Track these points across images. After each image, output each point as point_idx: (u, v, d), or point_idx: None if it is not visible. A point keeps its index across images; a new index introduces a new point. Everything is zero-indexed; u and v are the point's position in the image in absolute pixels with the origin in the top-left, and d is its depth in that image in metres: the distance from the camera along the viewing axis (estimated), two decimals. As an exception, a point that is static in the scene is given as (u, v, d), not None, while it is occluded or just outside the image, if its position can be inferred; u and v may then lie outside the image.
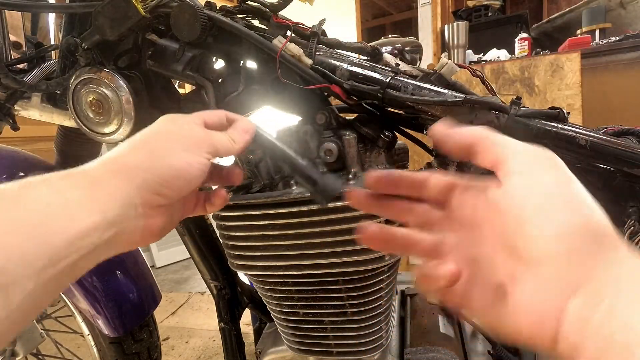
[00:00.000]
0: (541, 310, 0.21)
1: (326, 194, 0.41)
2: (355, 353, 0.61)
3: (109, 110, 0.61)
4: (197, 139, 0.34)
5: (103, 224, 0.27)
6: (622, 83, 2.26)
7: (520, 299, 0.22)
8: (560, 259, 0.21)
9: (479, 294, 0.24)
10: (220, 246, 0.77)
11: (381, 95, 0.53)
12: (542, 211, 0.22)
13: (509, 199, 0.23)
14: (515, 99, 0.50)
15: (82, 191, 0.27)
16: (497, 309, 0.23)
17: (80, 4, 0.57)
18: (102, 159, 0.31)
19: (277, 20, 0.58)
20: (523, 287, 0.22)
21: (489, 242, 0.25)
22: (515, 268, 0.22)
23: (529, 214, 0.22)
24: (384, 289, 0.58)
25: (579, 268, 0.20)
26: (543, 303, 0.21)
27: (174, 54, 0.57)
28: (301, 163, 0.41)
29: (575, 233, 0.21)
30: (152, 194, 0.30)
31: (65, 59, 0.63)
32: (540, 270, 0.21)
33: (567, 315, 0.20)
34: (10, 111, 0.73)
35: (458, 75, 0.63)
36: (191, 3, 0.53)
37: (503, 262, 0.23)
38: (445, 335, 0.69)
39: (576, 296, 0.20)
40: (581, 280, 0.20)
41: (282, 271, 0.56)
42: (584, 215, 0.22)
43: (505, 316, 0.22)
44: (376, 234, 0.30)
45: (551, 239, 0.21)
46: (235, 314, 0.78)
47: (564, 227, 0.21)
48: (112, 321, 0.83)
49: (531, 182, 0.23)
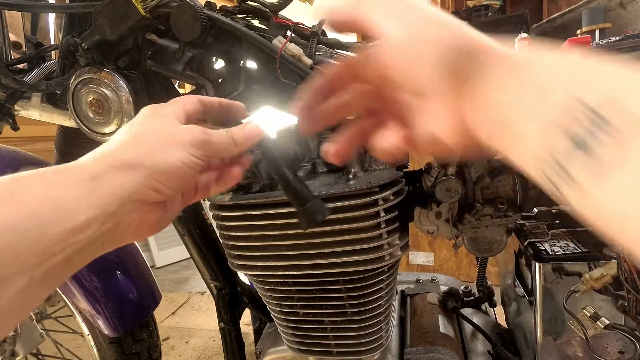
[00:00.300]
0: (448, 122, 0.26)
1: (312, 218, 0.40)
2: (355, 353, 0.61)
3: (109, 110, 0.61)
4: (192, 137, 0.33)
5: (100, 218, 0.27)
6: (622, 83, 2.26)
7: (429, 122, 0.27)
8: (445, 88, 0.25)
9: (416, 137, 0.28)
10: (220, 246, 0.77)
11: (381, 95, 0.53)
12: (419, 53, 0.25)
13: (390, 54, 0.27)
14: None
15: (79, 186, 0.27)
16: (432, 140, 0.27)
17: (80, 4, 0.57)
18: (99, 154, 0.30)
19: (277, 20, 0.58)
20: (429, 115, 0.27)
21: (400, 95, 0.29)
22: (422, 103, 0.27)
23: (410, 59, 0.26)
24: (384, 289, 0.58)
25: (463, 85, 0.24)
26: (447, 117, 0.26)
27: (174, 54, 0.57)
28: (294, 182, 0.40)
29: (452, 61, 0.25)
30: (151, 190, 0.30)
31: (65, 59, 0.63)
32: (435, 99, 0.26)
33: (466, 117, 0.25)
34: (10, 111, 0.73)
35: (458, 75, 0.63)
36: (191, 3, 0.53)
37: (414, 102, 0.27)
38: (445, 335, 0.69)
39: (465, 102, 0.24)
40: (466, 92, 0.24)
41: (282, 271, 0.56)
42: (454, 40, 0.26)
43: (437, 139, 0.27)
44: (338, 150, 0.34)
45: (434, 75, 0.25)
46: (235, 314, 0.78)
47: (441, 60, 0.25)
48: (112, 321, 0.83)
49: (403, 32, 0.26)
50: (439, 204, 0.57)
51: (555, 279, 0.54)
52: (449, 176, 0.53)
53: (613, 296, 0.49)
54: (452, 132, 0.26)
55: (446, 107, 0.25)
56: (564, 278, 0.53)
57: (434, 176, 0.54)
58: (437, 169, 0.54)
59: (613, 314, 0.51)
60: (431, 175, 0.54)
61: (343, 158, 0.35)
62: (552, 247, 0.55)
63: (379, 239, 0.52)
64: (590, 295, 0.51)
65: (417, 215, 0.58)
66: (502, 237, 0.56)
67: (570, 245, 0.55)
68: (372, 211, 0.51)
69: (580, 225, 0.58)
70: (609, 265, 0.48)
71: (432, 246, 2.18)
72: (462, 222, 0.56)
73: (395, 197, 0.53)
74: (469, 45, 0.25)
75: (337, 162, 0.35)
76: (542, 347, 0.56)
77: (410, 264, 2.23)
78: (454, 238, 0.59)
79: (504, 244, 0.56)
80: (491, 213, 0.55)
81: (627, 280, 0.44)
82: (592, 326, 0.48)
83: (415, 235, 2.16)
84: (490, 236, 0.56)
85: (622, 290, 0.46)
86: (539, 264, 0.54)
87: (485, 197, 0.56)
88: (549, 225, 0.60)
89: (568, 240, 0.57)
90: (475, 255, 0.59)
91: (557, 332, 0.56)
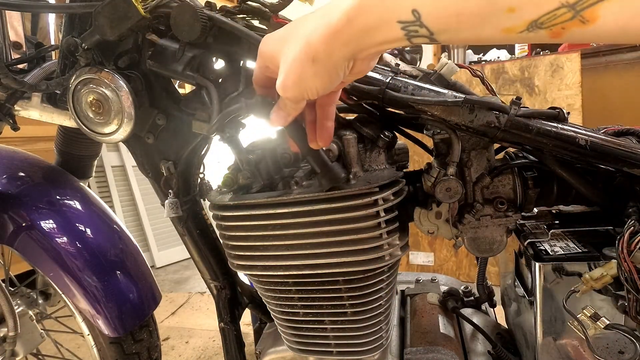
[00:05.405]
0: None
1: (334, 176, 0.48)
2: (355, 353, 0.61)
3: (109, 111, 0.61)
4: None
5: None
6: (622, 83, 2.26)
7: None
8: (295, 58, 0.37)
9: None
10: (220, 246, 0.77)
11: (381, 95, 0.53)
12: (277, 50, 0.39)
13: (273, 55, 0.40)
14: (515, 99, 0.50)
15: None
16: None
17: (80, 4, 0.57)
18: None
19: (277, 20, 0.58)
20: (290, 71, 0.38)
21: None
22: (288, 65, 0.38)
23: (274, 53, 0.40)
24: (384, 289, 0.58)
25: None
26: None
27: (174, 54, 0.57)
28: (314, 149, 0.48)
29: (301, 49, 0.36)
30: None
31: (65, 59, 0.63)
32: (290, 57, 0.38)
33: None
34: (10, 111, 0.73)
35: (458, 75, 0.63)
36: (191, 3, 0.53)
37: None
38: (445, 335, 0.69)
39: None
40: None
41: (282, 271, 0.56)
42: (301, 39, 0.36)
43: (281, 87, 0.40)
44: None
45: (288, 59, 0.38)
46: (235, 314, 0.78)
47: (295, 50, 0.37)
48: (112, 321, 0.83)
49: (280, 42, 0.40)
50: (439, 204, 0.57)
51: (555, 279, 0.54)
52: (449, 176, 0.53)
53: (613, 296, 0.49)
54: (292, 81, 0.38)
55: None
56: (564, 278, 0.53)
57: (434, 176, 0.54)
58: (437, 169, 0.54)
59: (613, 314, 0.51)
60: (431, 175, 0.54)
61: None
62: (552, 247, 0.55)
63: (379, 239, 0.52)
64: (590, 295, 0.51)
65: (417, 215, 0.58)
66: (502, 237, 0.56)
67: (570, 245, 0.55)
68: (372, 211, 0.51)
69: (580, 225, 0.58)
70: (609, 265, 0.48)
71: (432, 246, 2.18)
72: (462, 222, 0.56)
73: (395, 197, 0.53)
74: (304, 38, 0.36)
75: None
76: (542, 347, 0.56)
77: (410, 264, 2.23)
78: (454, 238, 0.59)
79: (504, 244, 0.56)
80: (491, 213, 0.55)
81: (627, 280, 0.44)
82: (592, 326, 0.48)
83: (415, 235, 2.16)
84: (490, 236, 0.56)
85: (622, 290, 0.46)
86: (539, 264, 0.54)
87: (485, 197, 0.56)
88: (549, 225, 0.60)
89: (568, 240, 0.57)
90: (475, 255, 0.59)
91: (557, 332, 0.56)
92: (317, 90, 0.38)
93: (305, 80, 0.37)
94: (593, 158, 0.49)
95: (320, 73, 0.37)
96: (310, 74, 0.37)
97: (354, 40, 0.34)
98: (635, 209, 0.48)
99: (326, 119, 0.46)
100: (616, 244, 0.45)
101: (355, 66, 0.38)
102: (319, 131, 0.46)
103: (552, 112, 0.50)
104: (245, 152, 0.57)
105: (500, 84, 2.00)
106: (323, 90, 0.39)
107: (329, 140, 0.47)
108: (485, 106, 0.50)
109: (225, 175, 0.58)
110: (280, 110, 0.43)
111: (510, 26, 0.27)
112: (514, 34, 0.27)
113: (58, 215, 0.83)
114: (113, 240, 0.89)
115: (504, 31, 0.27)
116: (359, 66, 0.38)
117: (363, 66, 0.39)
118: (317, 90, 0.38)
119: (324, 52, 0.35)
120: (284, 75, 0.38)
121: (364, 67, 0.39)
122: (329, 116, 0.46)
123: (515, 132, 0.50)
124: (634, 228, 0.45)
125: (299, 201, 0.53)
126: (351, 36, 0.33)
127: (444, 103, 0.50)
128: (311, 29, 0.35)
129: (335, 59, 0.36)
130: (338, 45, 0.34)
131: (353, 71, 0.39)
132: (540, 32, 0.26)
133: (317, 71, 0.36)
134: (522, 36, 0.27)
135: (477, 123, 0.50)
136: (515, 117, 0.49)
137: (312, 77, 0.37)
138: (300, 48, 0.36)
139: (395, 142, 0.59)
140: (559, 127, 0.49)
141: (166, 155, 0.67)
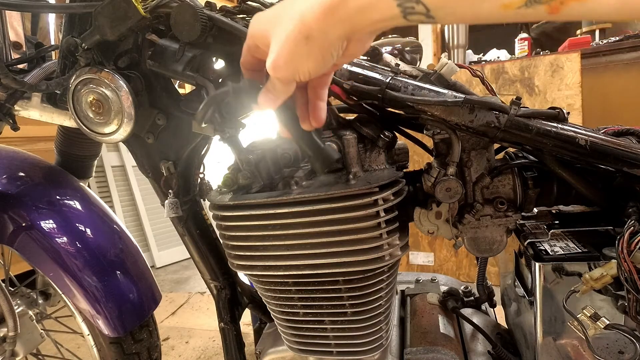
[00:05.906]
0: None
1: (327, 158, 0.47)
2: (355, 353, 0.61)
3: (109, 110, 0.61)
4: None
5: None
6: (622, 83, 2.26)
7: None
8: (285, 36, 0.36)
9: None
10: (220, 246, 0.77)
11: (381, 95, 0.53)
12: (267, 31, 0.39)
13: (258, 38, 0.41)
14: (515, 99, 0.50)
15: None
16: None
17: (80, 4, 0.57)
18: None
19: (277, 20, 0.57)
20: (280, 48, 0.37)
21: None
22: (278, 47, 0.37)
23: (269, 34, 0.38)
24: (384, 289, 0.58)
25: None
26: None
27: (174, 54, 0.57)
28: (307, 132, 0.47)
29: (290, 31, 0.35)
30: None
31: (65, 59, 0.63)
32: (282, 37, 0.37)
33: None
34: (10, 111, 0.73)
35: (458, 75, 0.63)
36: (191, 3, 0.53)
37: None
38: (445, 335, 0.69)
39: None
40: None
41: (282, 271, 0.56)
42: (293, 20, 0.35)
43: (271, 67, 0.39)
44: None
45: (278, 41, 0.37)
46: (235, 314, 0.78)
47: (285, 33, 0.36)
48: (112, 321, 0.83)
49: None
50: (439, 204, 0.57)
51: (555, 279, 0.54)
52: (449, 176, 0.53)
53: (613, 296, 0.49)
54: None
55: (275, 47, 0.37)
56: (564, 278, 0.53)
57: (434, 176, 0.54)
58: (437, 169, 0.54)
59: (613, 314, 0.51)
60: (431, 175, 0.54)
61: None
62: (552, 247, 0.55)
63: (378, 239, 0.52)
64: (590, 295, 0.51)
65: (417, 215, 0.58)
66: (502, 237, 0.56)
67: (570, 245, 0.55)
68: (372, 211, 0.51)
69: (580, 225, 0.58)
70: (609, 265, 0.48)
71: (432, 246, 2.18)
72: (462, 222, 0.56)
73: (395, 197, 0.53)
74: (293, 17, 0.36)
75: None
76: (542, 347, 0.56)
77: (410, 264, 2.23)
78: (454, 238, 0.59)
79: (504, 244, 0.56)
80: (491, 213, 0.55)
81: (627, 280, 0.44)
82: (592, 326, 0.48)
83: (415, 235, 2.16)
84: (490, 236, 0.56)
85: (622, 290, 0.46)
86: (539, 264, 0.53)
87: (485, 197, 0.56)
88: (549, 225, 0.60)
89: (568, 240, 0.57)
90: (475, 255, 0.59)
91: (557, 332, 0.56)
92: (309, 71, 0.37)
93: (298, 60, 0.36)
94: (593, 158, 0.49)
95: (313, 52, 0.35)
96: (303, 53, 0.35)
97: (349, 18, 0.33)
98: (635, 209, 0.48)
99: (319, 99, 0.45)
100: (616, 244, 0.45)
101: (349, 47, 0.37)
102: (312, 111, 0.45)
103: (552, 112, 0.50)
104: (245, 152, 0.57)
105: (500, 84, 2.00)
106: (315, 71, 0.37)
107: (322, 120, 0.46)
108: (485, 106, 0.50)
109: (225, 175, 0.58)
110: (269, 92, 0.42)
111: (508, 1, 0.27)
112: (512, 10, 0.27)
113: (58, 215, 0.83)
114: (113, 240, 0.89)
115: (503, 7, 0.27)
116: (352, 47, 0.38)
117: (357, 47, 0.39)
118: (309, 71, 0.37)
119: (319, 30, 0.34)
120: (276, 54, 0.36)
121: (357, 48, 0.39)
122: (322, 97, 0.45)
123: (515, 132, 0.50)
124: (634, 228, 0.45)
125: (299, 201, 0.52)
126: (346, 14, 0.32)
127: (444, 103, 0.50)
128: (305, 6, 0.34)
129: (330, 38, 0.35)
130: (333, 23, 0.33)
131: (347, 53, 0.38)
132: (539, 8, 0.26)
133: (310, 50, 0.35)
134: (521, 12, 0.27)
135: (477, 123, 0.50)
136: (515, 117, 0.49)
137: (305, 56, 0.36)
138: (294, 26, 0.34)
139: (395, 142, 0.59)
140: (558, 127, 0.49)
141: (166, 155, 0.67)
